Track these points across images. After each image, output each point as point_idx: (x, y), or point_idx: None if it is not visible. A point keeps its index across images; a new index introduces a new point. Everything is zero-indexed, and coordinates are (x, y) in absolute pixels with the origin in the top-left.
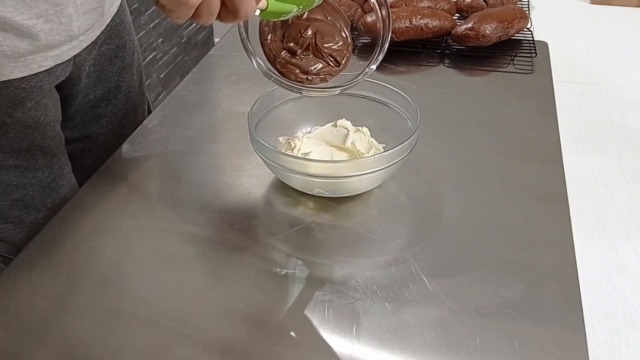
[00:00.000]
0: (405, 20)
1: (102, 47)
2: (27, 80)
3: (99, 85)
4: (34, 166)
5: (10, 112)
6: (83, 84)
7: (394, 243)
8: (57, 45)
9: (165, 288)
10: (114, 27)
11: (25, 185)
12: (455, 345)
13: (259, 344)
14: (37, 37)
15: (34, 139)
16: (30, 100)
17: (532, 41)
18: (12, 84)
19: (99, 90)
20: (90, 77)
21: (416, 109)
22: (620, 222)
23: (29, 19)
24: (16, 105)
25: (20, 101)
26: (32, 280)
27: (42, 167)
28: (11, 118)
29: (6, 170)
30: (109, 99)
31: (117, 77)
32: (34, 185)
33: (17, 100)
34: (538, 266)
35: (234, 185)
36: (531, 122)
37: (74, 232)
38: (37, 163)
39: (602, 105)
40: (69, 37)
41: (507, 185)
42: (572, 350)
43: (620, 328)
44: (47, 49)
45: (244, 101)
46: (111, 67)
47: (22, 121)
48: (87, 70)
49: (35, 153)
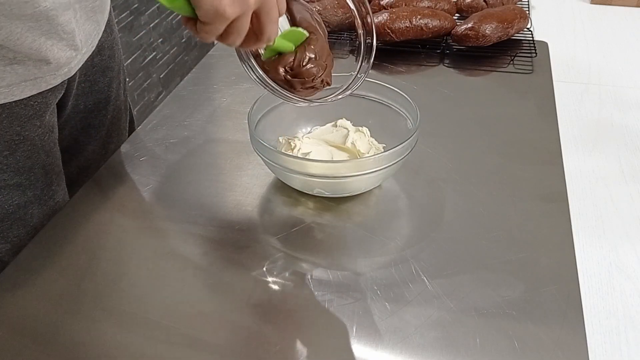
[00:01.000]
0: (405, 20)
1: (95, 58)
2: (35, 97)
3: (90, 97)
4: (34, 184)
5: (19, 131)
6: (73, 96)
7: (394, 243)
8: (66, 63)
9: (165, 288)
10: (106, 38)
11: (26, 204)
12: (455, 345)
13: (259, 343)
14: (48, 61)
15: (39, 157)
16: (38, 118)
17: (532, 41)
18: (22, 102)
19: (90, 101)
20: (80, 88)
21: (416, 109)
22: (620, 222)
23: (42, 44)
24: (25, 124)
25: (29, 119)
26: (31, 281)
27: (42, 186)
28: (19, 136)
29: (9, 189)
30: (98, 110)
31: (107, 88)
32: (33, 203)
33: (26, 119)
34: (538, 266)
35: (234, 185)
36: (531, 122)
37: (74, 232)
38: (37, 181)
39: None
40: (74, 51)
41: (507, 185)
42: (572, 350)
43: (620, 328)
44: (57, 69)
45: (244, 101)
46: (102, 78)
47: (30, 139)
48: (77, 81)
49: (38, 172)
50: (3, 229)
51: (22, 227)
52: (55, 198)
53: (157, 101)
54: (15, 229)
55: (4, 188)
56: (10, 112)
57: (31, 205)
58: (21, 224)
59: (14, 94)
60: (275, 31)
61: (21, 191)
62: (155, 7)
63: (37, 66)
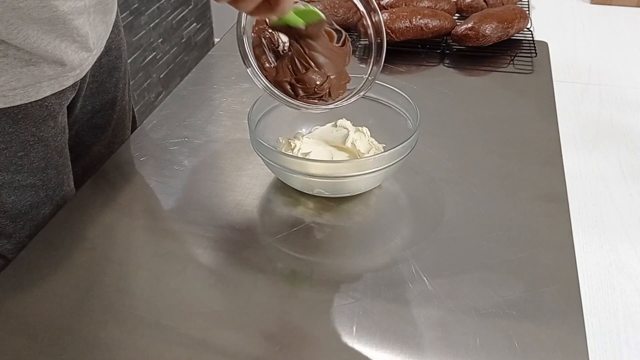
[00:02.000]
0: (405, 20)
1: (103, 58)
2: (50, 98)
3: (98, 97)
4: (47, 185)
5: (34, 131)
6: (83, 96)
7: (394, 243)
8: (79, 64)
9: (165, 288)
10: (113, 39)
11: (39, 204)
12: (455, 345)
13: (259, 344)
14: (63, 62)
15: (52, 158)
16: (52, 119)
17: (532, 41)
18: (37, 103)
19: (97, 101)
20: (88, 88)
21: (416, 109)
22: (620, 222)
23: (57, 46)
24: (40, 125)
25: (44, 120)
26: (32, 280)
27: (54, 186)
28: (34, 137)
29: (23, 190)
30: (105, 110)
31: (114, 88)
32: (45, 203)
33: (41, 119)
34: (538, 266)
35: (234, 185)
36: (531, 122)
37: (74, 232)
38: (50, 182)
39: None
40: (87, 53)
41: (507, 185)
42: (572, 350)
43: (620, 328)
44: (71, 70)
45: (244, 101)
46: (110, 79)
47: (44, 140)
48: (87, 82)
49: (51, 172)
50: (16, 228)
51: (35, 228)
52: (65, 198)
53: (157, 101)
54: (27, 229)
55: (17, 188)
56: (25, 113)
57: (43, 206)
58: (33, 224)
59: (30, 95)
60: (291, 5)
61: (34, 191)
62: (155, 7)
63: (52, 68)
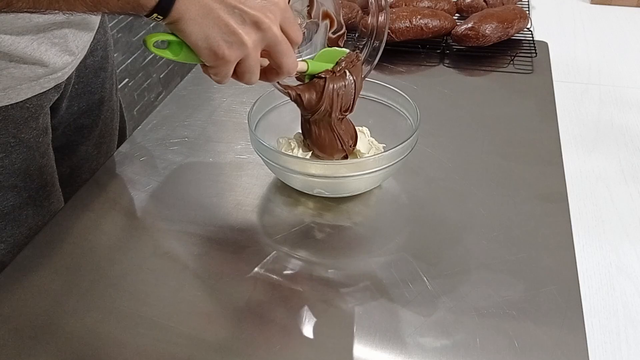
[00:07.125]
0: (405, 20)
1: (88, 59)
2: (31, 100)
3: (84, 98)
4: (30, 186)
5: (15, 133)
6: (67, 97)
7: (394, 243)
8: (61, 67)
9: (165, 288)
10: (99, 39)
11: (21, 205)
12: (455, 345)
13: (259, 344)
14: (44, 64)
15: (34, 159)
16: (33, 120)
17: (532, 41)
18: (17, 105)
19: (84, 102)
20: (73, 89)
21: (416, 109)
22: (620, 222)
23: (37, 49)
24: (20, 126)
25: (25, 122)
26: (31, 280)
27: (37, 187)
28: (15, 139)
29: (5, 191)
30: (91, 110)
31: (100, 89)
32: (28, 204)
33: (22, 121)
34: (538, 266)
35: (234, 185)
36: (531, 122)
37: (73, 232)
38: (33, 182)
39: (602, 105)
40: (71, 56)
41: (507, 185)
42: (572, 350)
43: (620, 328)
44: (53, 72)
45: (244, 101)
46: (96, 79)
47: (25, 142)
48: (72, 82)
49: (33, 173)
50: None
51: (17, 227)
52: (50, 199)
53: (157, 101)
54: (9, 229)
55: None
56: (6, 114)
57: (26, 206)
58: (15, 224)
59: (10, 97)
60: (293, 63)
61: (16, 192)
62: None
63: (32, 70)
